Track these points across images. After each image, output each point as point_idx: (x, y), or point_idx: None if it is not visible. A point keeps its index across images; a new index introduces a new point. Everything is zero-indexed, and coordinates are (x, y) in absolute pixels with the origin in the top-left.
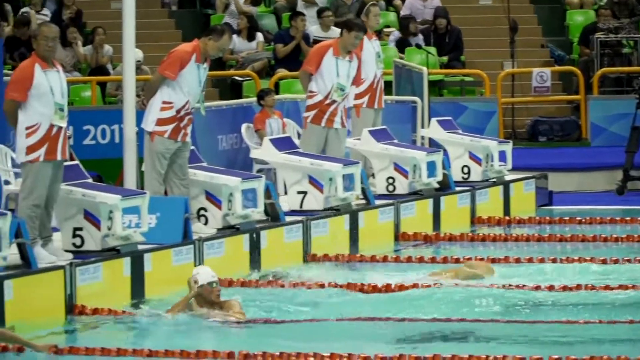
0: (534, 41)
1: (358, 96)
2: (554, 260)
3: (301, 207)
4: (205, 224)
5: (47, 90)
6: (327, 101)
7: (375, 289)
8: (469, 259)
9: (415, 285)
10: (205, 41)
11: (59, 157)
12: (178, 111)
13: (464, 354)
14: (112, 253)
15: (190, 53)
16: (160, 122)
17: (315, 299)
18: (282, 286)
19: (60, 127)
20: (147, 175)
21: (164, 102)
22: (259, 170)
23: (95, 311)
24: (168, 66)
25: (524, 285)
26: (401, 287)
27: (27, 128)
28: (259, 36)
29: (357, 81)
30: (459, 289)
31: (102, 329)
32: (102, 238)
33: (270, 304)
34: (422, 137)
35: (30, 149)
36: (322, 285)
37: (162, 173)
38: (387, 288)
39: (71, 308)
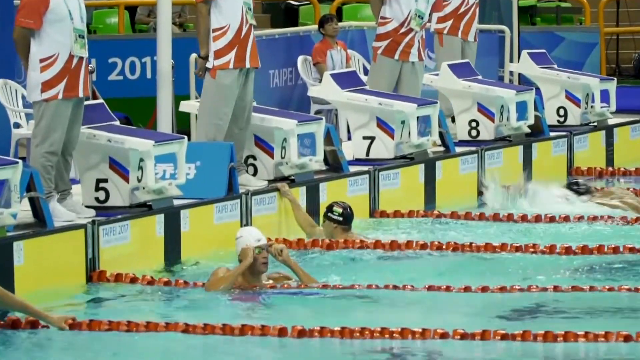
0: None
1: (440, 20)
2: None
3: (368, 154)
4: (254, 174)
5: (66, 15)
6: (403, 29)
7: (455, 248)
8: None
9: (503, 247)
10: None
11: (80, 94)
12: (236, 34)
13: (558, 331)
14: (142, 209)
15: None
16: (218, 53)
17: (387, 262)
18: (346, 247)
19: (81, 58)
20: (204, 119)
21: (214, 31)
22: (318, 112)
23: (120, 278)
24: None
25: (632, 247)
26: (486, 247)
27: (41, 60)
28: None
29: (437, 7)
30: (546, 255)
31: (129, 299)
32: (131, 191)
33: (331, 269)
34: (511, 73)
35: (47, 85)
36: (394, 246)
37: (228, 117)
38: (464, 248)
39: (93, 274)
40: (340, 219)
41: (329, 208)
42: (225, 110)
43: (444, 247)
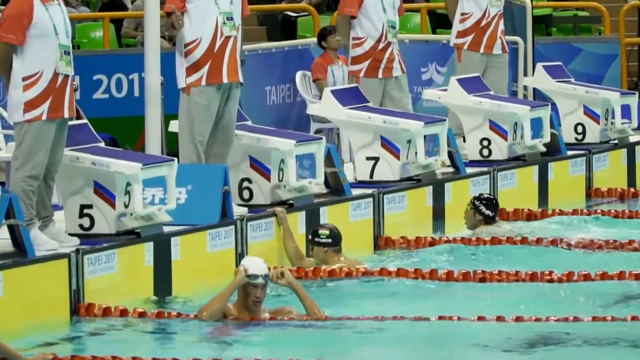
0: None
1: (460, 34)
2: None
3: (371, 176)
4: (250, 198)
5: (50, 30)
6: (381, 45)
7: (466, 277)
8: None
9: (507, 276)
10: None
11: (65, 115)
12: (209, 47)
13: None
14: (129, 237)
15: None
16: (190, 70)
17: (390, 291)
18: (349, 275)
19: (67, 76)
20: (183, 140)
21: (186, 45)
22: (318, 131)
23: (107, 311)
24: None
25: None
26: (499, 275)
27: (24, 79)
28: None
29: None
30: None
31: (116, 333)
32: (118, 218)
33: (326, 298)
34: (525, 88)
35: (30, 105)
36: (400, 274)
37: (204, 137)
38: (466, 277)
39: (77, 307)
40: (330, 240)
41: (314, 233)
42: (201, 130)
43: (454, 275)
